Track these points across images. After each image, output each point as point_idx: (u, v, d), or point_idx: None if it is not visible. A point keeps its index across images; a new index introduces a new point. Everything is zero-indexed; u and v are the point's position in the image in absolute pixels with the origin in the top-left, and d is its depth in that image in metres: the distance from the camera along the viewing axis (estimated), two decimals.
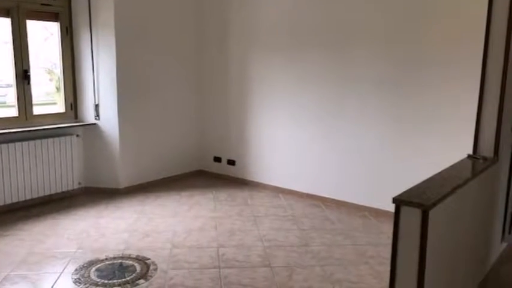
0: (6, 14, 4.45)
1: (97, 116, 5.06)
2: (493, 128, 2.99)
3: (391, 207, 2.14)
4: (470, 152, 3.08)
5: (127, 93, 5.09)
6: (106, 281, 3.14)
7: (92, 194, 5.07)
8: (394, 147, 4.41)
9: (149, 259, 3.48)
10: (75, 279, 3.16)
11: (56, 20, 4.87)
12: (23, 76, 4.58)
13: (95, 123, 5.07)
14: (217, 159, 5.90)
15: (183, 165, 5.84)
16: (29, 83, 4.63)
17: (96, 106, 5.04)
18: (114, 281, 3.15)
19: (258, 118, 5.44)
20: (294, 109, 5.09)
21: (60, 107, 5.05)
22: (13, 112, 4.61)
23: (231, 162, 5.76)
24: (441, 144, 4.07)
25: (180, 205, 4.80)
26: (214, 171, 5.94)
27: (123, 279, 3.17)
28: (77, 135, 4.98)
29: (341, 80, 4.69)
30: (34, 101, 4.72)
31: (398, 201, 2.06)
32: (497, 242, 3.47)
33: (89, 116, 5.09)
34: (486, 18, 2.94)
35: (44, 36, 5.07)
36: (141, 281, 3.15)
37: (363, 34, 4.50)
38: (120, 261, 3.45)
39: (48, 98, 5.32)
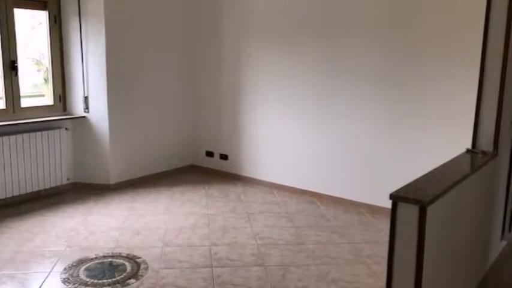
0: None
1: (86, 108, 4.94)
2: (492, 121, 2.94)
3: (388, 204, 2.09)
4: (469, 146, 3.01)
5: (117, 85, 4.98)
6: (96, 281, 3.07)
7: (81, 190, 4.96)
8: (391, 141, 4.34)
9: (140, 258, 3.41)
10: (64, 278, 3.09)
11: (44, 9, 4.75)
12: (10, 67, 4.46)
13: (84, 116, 4.95)
14: (210, 154, 5.81)
15: (174, 160, 5.74)
16: (16, 74, 4.51)
17: (86, 98, 4.93)
18: (104, 280, 3.08)
19: (251, 111, 5.34)
20: (289, 102, 5.01)
21: (48, 99, 4.93)
22: (0, 104, 4.50)
23: (224, 157, 5.67)
24: (439, 138, 4.01)
25: (171, 201, 4.71)
26: (206, 166, 5.85)
27: (113, 279, 3.09)
28: (66, 129, 4.86)
29: (337, 72, 4.61)
30: (22, 93, 4.60)
31: (395, 197, 2.02)
32: (496, 240, 3.42)
33: (78, 109, 4.97)
34: (485, 8, 2.86)
35: (31, 25, 4.93)
36: (132, 280, 3.08)
37: (360, 25, 4.42)
38: (110, 260, 3.38)
39: (36, 89, 5.20)
